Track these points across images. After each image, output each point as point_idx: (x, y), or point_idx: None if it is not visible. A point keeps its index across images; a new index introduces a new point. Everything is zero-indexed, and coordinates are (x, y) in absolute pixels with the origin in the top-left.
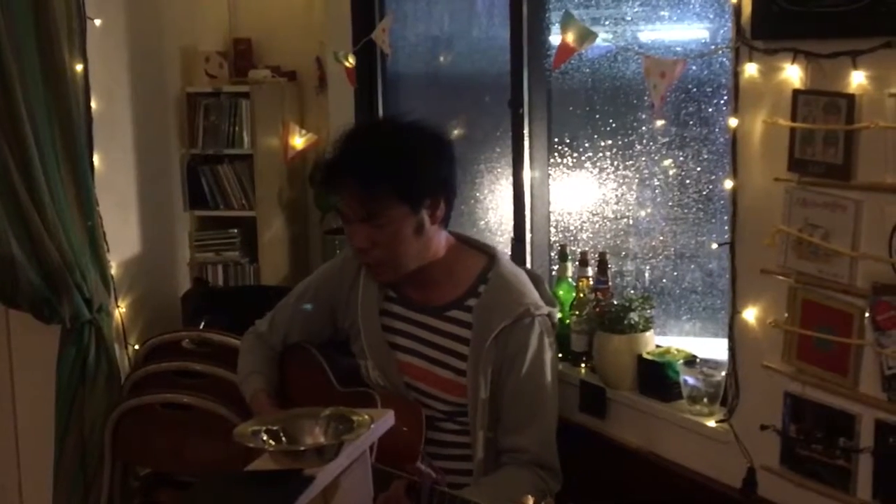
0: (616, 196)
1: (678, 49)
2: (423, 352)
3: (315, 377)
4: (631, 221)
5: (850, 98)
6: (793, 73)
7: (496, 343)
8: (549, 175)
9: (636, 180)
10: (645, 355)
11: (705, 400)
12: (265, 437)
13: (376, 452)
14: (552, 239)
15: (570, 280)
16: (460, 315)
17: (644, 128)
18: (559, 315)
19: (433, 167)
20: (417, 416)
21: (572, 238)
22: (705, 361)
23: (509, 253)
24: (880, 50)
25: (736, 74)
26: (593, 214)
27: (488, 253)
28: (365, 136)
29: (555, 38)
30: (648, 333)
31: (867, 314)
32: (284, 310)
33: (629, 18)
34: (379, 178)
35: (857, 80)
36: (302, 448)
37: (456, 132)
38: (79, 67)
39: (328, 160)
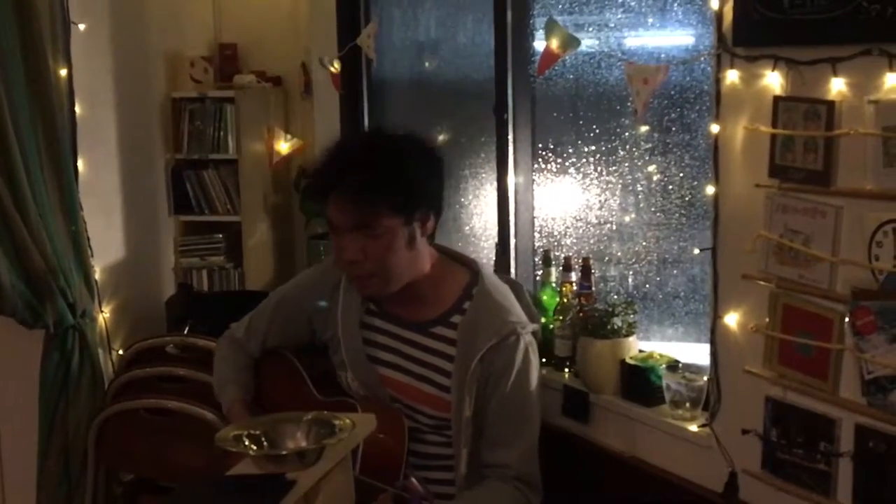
0: (600, 201)
1: (661, 55)
2: (406, 367)
3: (294, 386)
4: (614, 227)
5: (830, 105)
6: (773, 80)
7: (482, 362)
8: (534, 180)
9: (619, 186)
10: (628, 360)
11: (687, 405)
12: (247, 442)
13: (360, 461)
14: (536, 244)
15: (553, 285)
16: (445, 332)
17: (627, 133)
18: (543, 320)
19: (426, 180)
20: (399, 425)
21: (556, 243)
22: (688, 366)
23: (494, 258)
24: (859, 57)
25: (717, 81)
26: (577, 220)
27: (472, 268)
28: (360, 148)
29: (539, 45)
30: (631, 338)
31: (847, 319)
32: (262, 316)
33: (613, 25)
34: (376, 188)
35: (837, 86)
36: (283, 452)
37: (441, 137)
38: (63, 72)
39: (322, 171)
